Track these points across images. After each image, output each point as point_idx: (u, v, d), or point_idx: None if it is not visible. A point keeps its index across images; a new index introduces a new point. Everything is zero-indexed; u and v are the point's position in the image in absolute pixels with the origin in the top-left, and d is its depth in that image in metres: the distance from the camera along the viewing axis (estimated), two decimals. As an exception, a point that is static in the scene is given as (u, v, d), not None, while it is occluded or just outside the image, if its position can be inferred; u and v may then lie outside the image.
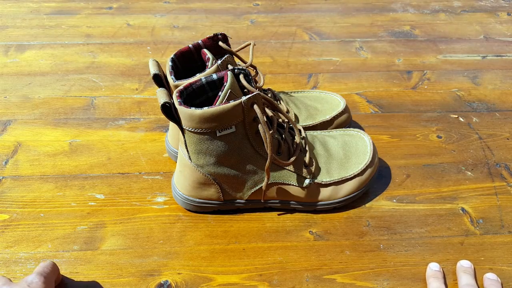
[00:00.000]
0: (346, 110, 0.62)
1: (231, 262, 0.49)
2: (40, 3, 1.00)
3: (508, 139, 0.65)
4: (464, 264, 0.47)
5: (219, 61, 0.49)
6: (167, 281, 0.47)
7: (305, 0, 1.04)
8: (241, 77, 0.48)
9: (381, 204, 0.55)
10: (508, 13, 0.99)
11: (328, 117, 0.60)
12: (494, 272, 0.48)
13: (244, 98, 0.45)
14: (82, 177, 0.58)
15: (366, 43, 0.88)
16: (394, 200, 0.56)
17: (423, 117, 0.69)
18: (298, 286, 0.47)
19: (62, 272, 0.47)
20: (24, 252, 0.49)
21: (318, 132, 0.57)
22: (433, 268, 0.47)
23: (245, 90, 0.49)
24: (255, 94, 0.45)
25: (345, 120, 0.62)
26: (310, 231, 0.52)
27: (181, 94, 0.46)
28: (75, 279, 0.47)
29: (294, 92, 0.65)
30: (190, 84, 0.47)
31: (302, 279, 0.47)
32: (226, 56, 0.50)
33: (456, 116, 0.70)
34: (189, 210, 0.54)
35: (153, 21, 0.94)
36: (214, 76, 0.48)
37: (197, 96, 0.49)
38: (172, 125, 0.58)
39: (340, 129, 0.59)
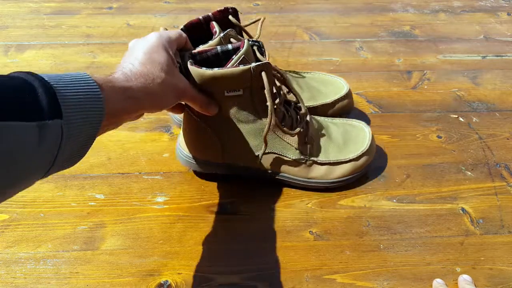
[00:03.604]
0: (348, 95, 0.62)
1: (231, 262, 0.49)
2: (40, 3, 1.00)
3: (508, 139, 0.65)
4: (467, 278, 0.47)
5: (222, 34, 0.50)
6: (167, 281, 0.47)
7: (305, 0, 1.04)
8: (255, 48, 0.50)
9: (381, 204, 0.55)
10: (508, 13, 0.99)
11: (329, 100, 0.61)
12: (494, 272, 0.48)
13: (254, 64, 0.46)
14: (82, 177, 0.58)
15: (366, 43, 0.88)
16: (394, 200, 0.56)
17: (423, 117, 0.69)
18: (298, 286, 0.47)
19: (61, 272, 0.47)
20: (24, 252, 0.49)
21: (322, 118, 0.59)
22: (440, 281, 0.47)
23: (258, 61, 0.50)
24: (265, 62, 0.47)
25: (346, 105, 0.62)
26: (310, 231, 0.52)
27: (194, 57, 0.48)
28: (75, 279, 0.47)
29: (301, 72, 0.65)
30: (205, 51, 0.49)
31: (302, 279, 0.47)
32: (228, 30, 0.51)
33: (456, 116, 0.70)
34: (191, 169, 0.57)
35: (153, 21, 0.94)
36: (229, 46, 0.49)
37: (211, 63, 0.49)
38: None
39: (344, 118, 0.60)
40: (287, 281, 0.47)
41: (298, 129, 0.52)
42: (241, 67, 0.46)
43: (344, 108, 0.62)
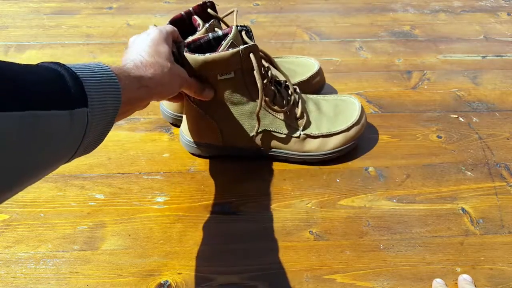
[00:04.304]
0: (320, 72, 0.69)
1: (231, 262, 0.49)
2: (40, 3, 1.00)
3: (508, 139, 0.65)
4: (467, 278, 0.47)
5: (207, 24, 0.55)
6: (167, 281, 0.47)
7: (305, 0, 1.04)
8: (243, 33, 0.53)
9: (381, 204, 0.55)
10: (508, 13, 0.99)
11: (305, 77, 0.67)
12: (494, 272, 0.48)
13: (242, 47, 0.50)
14: (82, 177, 0.58)
15: (366, 43, 0.88)
16: (394, 200, 0.56)
17: (423, 117, 0.69)
18: (298, 286, 0.47)
19: (61, 272, 0.47)
20: (24, 252, 0.49)
21: (314, 95, 0.62)
22: (440, 281, 0.47)
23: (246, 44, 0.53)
24: (252, 44, 0.51)
25: (319, 80, 0.69)
26: (310, 231, 0.52)
27: (189, 45, 0.52)
28: (75, 279, 0.47)
29: (274, 57, 0.69)
30: (198, 39, 0.52)
31: (302, 279, 0.47)
32: (212, 20, 0.56)
33: (456, 116, 0.70)
34: (193, 154, 0.61)
35: (153, 21, 0.94)
36: (220, 33, 0.52)
37: (204, 51, 0.52)
38: None
39: (334, 94, 0.65)
40: (287, 281, 0.47)
41: (286, 108, 0.56)
42: (231, 50, 0.50)
43: (319, 83, 0.69)
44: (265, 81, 0.54)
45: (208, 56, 0.50)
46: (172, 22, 0.57)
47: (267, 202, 0.55)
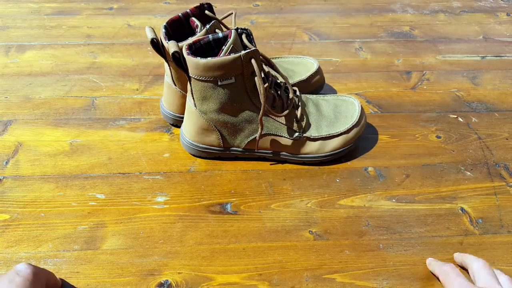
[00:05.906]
0: (319, 71, 0.68)
1: (231, 262, 0.49)
2: (41, 3, 1.01)
3: (507, 139, 0.66)
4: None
5: (208, 26, 0.55)
6: (167, 280, 0.47)
7: (305, 1, 1.05)
8: (243, 36, 0.53)
9: (380, 204, 0.56)
10: (507, 14, 0.99)
11: (304, 77, 0.66)
12: (493, 271, 0.48)
13: (243, 52, 0.50)
14: (83, 177, 0.58)
15: (366, 44, 0.88)
16: (394, 200, 0.56)
17: (422, 117, 0.69)
18: (298, 285, 0.47)
19: (62, 271, 0.47)
20: (25, 252, 0.49)
21: (314, 96, 0.62)
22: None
23: (247, 48, 0.53)
24: (253, 50, 0.51)
25: (319, 80, 0.68)
26: (310, 231, 0.52)
27: (190, 47, 0.52)
28: (76, 279, 0.47)
29: (273, 58, 0.71)
30: (198, 40, 0.53)
31: (302, 279, 0.47)
32: (213, 21, 0.56)
33: (456, 116, 0.70)
34: (193, 155, 0.61)
35: (154, 22, 0.94)
36: (220, 34, 0.53)
37: (204, 52, 0.54)
38: (166, 89, 0.63)
39: (334, 94, 0.65)
40: (287, 281, 0.47)
41: (286, 112, 0.56)
42: (232, 56, 0.50)
43: (318, 82, 0.68)
44: (266, 85, 0.54)
45: (210, 60, 0.50)
46: (170, 22, 0.57)
47: (267, 202, 0.56)
